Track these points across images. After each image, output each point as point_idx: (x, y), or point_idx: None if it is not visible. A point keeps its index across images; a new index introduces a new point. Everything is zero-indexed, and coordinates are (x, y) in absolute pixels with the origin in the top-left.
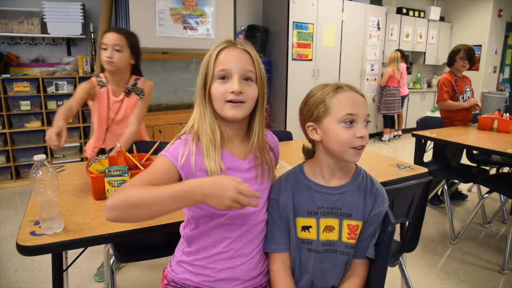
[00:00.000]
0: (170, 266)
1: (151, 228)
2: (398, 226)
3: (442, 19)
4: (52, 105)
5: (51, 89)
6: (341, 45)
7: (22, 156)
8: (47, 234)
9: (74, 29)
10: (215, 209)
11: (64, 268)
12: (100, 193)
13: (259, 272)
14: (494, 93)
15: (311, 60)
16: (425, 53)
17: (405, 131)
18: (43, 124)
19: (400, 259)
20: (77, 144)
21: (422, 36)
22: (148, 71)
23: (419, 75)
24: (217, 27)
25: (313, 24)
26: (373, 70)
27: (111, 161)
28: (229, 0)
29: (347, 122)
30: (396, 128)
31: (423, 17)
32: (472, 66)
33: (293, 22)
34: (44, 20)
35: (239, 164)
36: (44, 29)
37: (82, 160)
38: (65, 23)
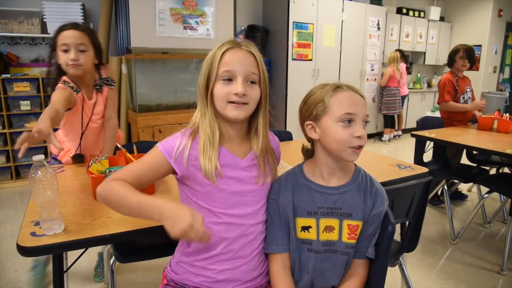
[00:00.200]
0: (170, 266)
1: (152, 228)
2: (398, 226)
3: (442, 19)
4: None
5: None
6: (341, 45)
7: None
8: (48, 234)
9: None
10: (211, 208)
11: (65, 269)
12: None
13: (259, 273)
14: (494, 93)
15: (311, 60)
16: (425, 53)
17: (405, 131)
18: None
19: (400, 259)
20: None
21: (422, 36)
22: (148, 71)
23: (419, 75)
24: (217, 27)
25: (313, 24)
26: (373, 70)
27: (112, 161)
28: (229, 0)
29: (346, 121)
30: (396, 128)
31: (423, 17)
32: (472, 65)
33: (293, 22)
34: (44, 20)
35: (237, 162)
36: (44, 29)
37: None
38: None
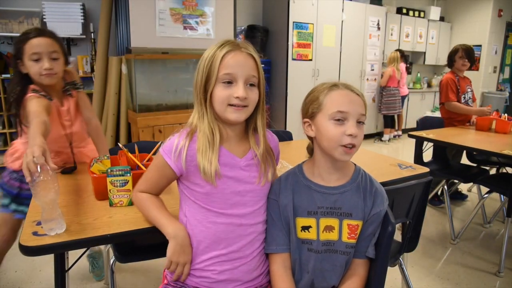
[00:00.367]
0: None
1: (152, 228)
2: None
3: (442, 19)
4: None
5: None
6: (341, 45)
7: None
8: (49, 235)
9: (74, 29)
10: (210, 208)
11: (66, 268)
12: (102, 193)
13: (259, 273)
14: (494, 93)
15: (311, 60)
16: (425, 53)
17: (405, 131)
18: None
19: (400, 259)
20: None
21: (422, 36)
22: (148, 71)
23: (419, 75)
24: (217, 27)
25: (313, 24)
26: (373, 70)
27: (113, 161)
28: (229, 0)
29: (337, 119)
30: (396, 128)
31: (423, 17)
32: (472, 64)
33: (293, 22)
34: (44, 20)
35: (236, 161)
36: None
37: None
38: (65, 23)
